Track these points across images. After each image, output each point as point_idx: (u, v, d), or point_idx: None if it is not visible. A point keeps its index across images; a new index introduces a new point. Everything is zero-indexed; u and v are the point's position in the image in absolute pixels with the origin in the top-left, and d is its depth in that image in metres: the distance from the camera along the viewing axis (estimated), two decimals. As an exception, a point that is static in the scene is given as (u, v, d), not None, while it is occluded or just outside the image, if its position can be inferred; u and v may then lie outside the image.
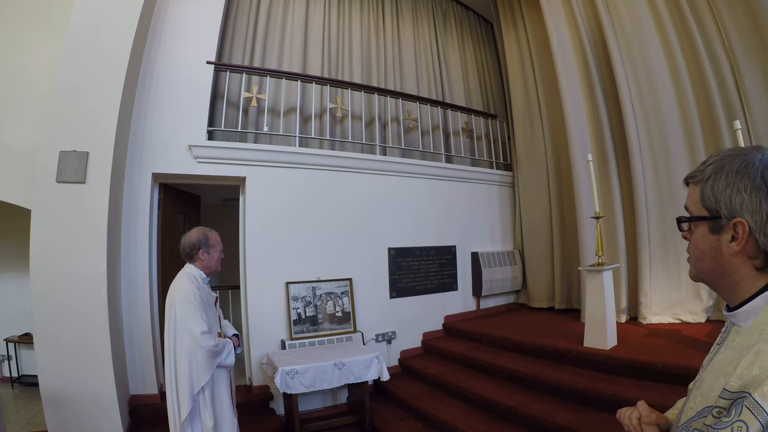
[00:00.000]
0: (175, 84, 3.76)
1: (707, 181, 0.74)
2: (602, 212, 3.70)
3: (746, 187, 0.69)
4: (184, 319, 2.14)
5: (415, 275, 4.75)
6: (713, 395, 0.67)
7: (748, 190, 0.68)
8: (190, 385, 2.10)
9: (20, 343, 4.92)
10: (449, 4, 6.42)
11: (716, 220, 0.73)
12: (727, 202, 0.71)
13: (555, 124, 5.21)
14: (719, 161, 0.73)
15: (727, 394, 0.63)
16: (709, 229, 0.74)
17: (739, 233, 0.70)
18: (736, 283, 0.73)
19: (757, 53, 3.31)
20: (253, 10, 4.64)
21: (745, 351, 0.65)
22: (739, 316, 0.72)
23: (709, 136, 3.61)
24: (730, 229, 0.71)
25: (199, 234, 2.35)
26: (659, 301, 3.78)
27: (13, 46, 3.30)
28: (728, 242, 0.71)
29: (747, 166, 0.69)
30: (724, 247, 0.72)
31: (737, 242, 0.70)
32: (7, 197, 3.11)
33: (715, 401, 0.66)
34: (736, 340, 0.72)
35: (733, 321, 0.75)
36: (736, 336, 0.73)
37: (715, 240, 0.74)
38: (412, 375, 4.19)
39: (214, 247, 2.39)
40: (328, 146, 4.62)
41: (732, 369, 0.65)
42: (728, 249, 0.71)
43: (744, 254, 0.70)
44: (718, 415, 0.64)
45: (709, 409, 0.67)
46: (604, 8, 4.27)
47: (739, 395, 0.61)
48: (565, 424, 2.54)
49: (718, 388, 0.66)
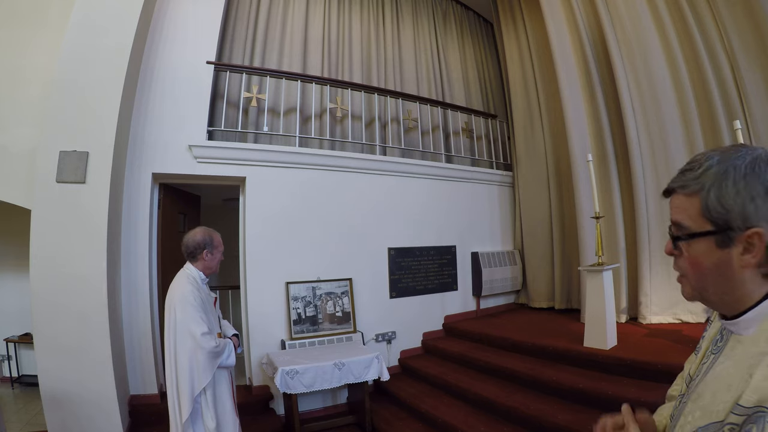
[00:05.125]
0: (175, 84, 3.76)
1: (710, 191, 0.65)
2: (602, 212, 3.70)
3: (759, 192, 0.62)
4: (184, 321, 2.13)
5: (415, 275, 4.75)
6: (720, 409, 0.61)
7: (762, 195, 0.62)
8: (191, 387, 2.09)
9: (20, 343, 4.92)
10: (449, 4, 6.42)
11: (725, 232, 0.65)
12: (741, 212, 0.63)
13: (555, 124, 5.22)
14: (717, 166, 0.66)
15: (741, 409, 0.57)
16: (717, 244, 0.66)
17: (755, 244, 0.63)
18: (744, 296, 0.67)
19: (757, 53, 3.31)
20: (253, 10, 4.64)
21: (752, 361, 0.61)
22: (741, 324, 0.67)
23: (709, 136, 3.61)
24: (742, 241, 0.64)
25: (205, 234, 2.34)
26: (659, 301, 3.78)
27: (13, 46, 3.29)
28: (740, 255, 0.64)
29: (755, 167, 0.63)
30: (735, 260, 0.65)
31: (752, 254, 0.63)
32: (7, 197, 3.10)
33: (725, 417, 0.60)
34: (737, 349, 0.67)
35: (734, 330, 0.69)
36: (736, 345, 0.68)
37: (724, 254, 0.66)
38: (412, 375, 4.18)
39: (218, 249, 2.39)
40: (328, 146, 4.62)
41: (741, 381, 0.60)
42: (740, 262, 0.64)
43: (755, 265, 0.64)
44: None
45: (717, 426, 0.61)
46: (604, 8, 4.27)
47: (757, 410, 0.56)
48: (566, 424, 2.54)
49: (727, 402, 0.61)
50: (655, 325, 3.72)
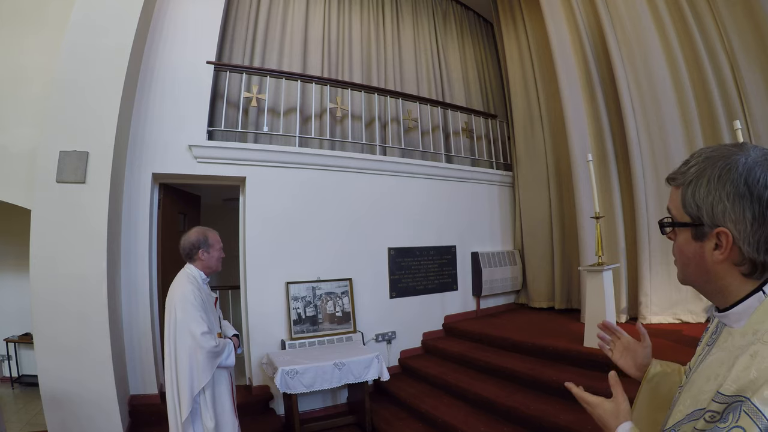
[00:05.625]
0: (175, 84, 3.76)
1: (688, 186, 0.70)
2: (602, 212, 3.70)
3: (729, 194, 0.65)
4: (184, 320, 2.14)
5: (415, 275, 4.75)
6: (704, 398, 0.64)
7: (731, 197, 0.64)
8: (190, 386, 2.10)
9: (20, 343, 4.92)
10: (449, 4, 6.42)
11: (699, 227, 0.69)
12: (708, 211, 0.67)
13: (555, 124, 5.21)
14: (701, 164, 0.69)
15: (722, 397, 0.59)
16: (692, 236, 0.71)
17: (722, 242, 0.66)
18: (724, 288, 0.70)
19: (757, 53, 3.31)
20: (253, 10, 4.64)
21: (738, 352, 0.63)
22: (732, 317, 0.70)
23: (709, 136, 3.61)
24: (713, 237, 0.67)
25: (198, 234, 2.35)
26: (659, 301, 3.78)
27: (13, 46, 3.29)
28: (712, 250, 0.68)
29: (730, 170, 0.65)
30: (707, 254, 0.69)
31: (721, 251, 0.67)
32: (7, 197, 3.10)
33: (707, 404, 0.62)
34: (728, 341, 0.69)
35: (725, 322, 0.72)
36: (728, 337, 0.70)
37: (699, 247, 0.70)
38: (413, 375, 4.18)
39: (214, 246, 2.37)
40: (328, 146, 4.62)
41: (725, 371, 0.62)
42: (712, 257, 0.68)
43: (729, 262, 0.67)
44: (711, 419, 0.61)
45: (700, 413, 0.63)
46: (604, 8, 4.27)
47: (735, 399, 0.57)
48: (566, 424, 2.54)
49: (710, 391, 0.63)
50: (655, 325, 3.71)
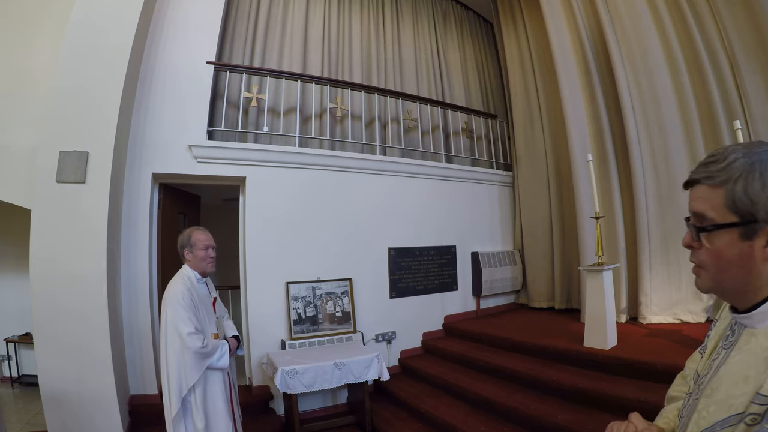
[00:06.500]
0: (175, 84, 3.76)
1: (737, 182, 0.66)
2: (602, 212, 3.70)
3: None
4: (172, 320, 2.15)
5: (415, 275, 4.75)
6: (738, 402, 0.63)
7: None
8: (178, 386, 2.10)
9: (20, 343, 4.92)
10: (449, 4, 6.42)
11: (750, 225, 0.66)
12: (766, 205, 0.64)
13: (555, 124, 5.21)
14: (744, 159, 0.66)
15: (763, 399, 0.59)
16: (740, 236, 0.67)
17: None
18: (758, 288, 0.68)
19: (757, 53, 3.31)
20: (253, 10, 4.64)
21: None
22: (755, 317, 0.68)
23: (709, 136, 3.61)
24: (764, 234, 0.65)
25: (184, 235, 2.38)
26: (659, 301, 3.78)
27: (13, 47, 3.30)
28: (762, 247, 0.66)
29: None
30: (757, 253, 0.66)
31: None
32: (7, 197, 3.11)
33: (744, 408, 0.61)
34: (752, 342, 0.67)
35: (746, 323, 0.70)
36: (750, 338, 0.68)
37: (748, 246, 0.67)
38: (413, 375, 4.18)
39: (196, 246, 2.34)
40: (328, 146, 4.62)
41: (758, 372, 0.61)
42: (763, 254, 0.66)
43: None
44: (753, 422, 0.59)
45: (737, 417, 0.62)
46: (604, 8, 4.27)
47: None
48: (566, 424, 2.54)
49: (745, 394, 0.62)
50: (655, 325, 3.72)
